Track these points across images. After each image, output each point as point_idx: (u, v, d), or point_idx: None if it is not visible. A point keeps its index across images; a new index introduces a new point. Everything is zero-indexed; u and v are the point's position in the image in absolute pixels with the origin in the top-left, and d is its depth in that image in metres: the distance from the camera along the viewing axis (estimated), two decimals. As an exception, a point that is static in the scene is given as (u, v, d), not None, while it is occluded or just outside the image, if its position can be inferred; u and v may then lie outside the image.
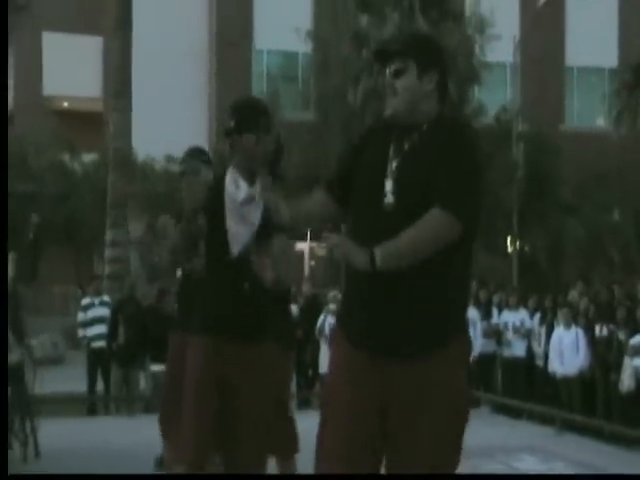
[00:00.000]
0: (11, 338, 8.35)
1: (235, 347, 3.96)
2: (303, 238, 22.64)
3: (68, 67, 28.37)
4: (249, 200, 3.95)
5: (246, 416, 3.97)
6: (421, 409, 2.92)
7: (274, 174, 4.07)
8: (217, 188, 4.07)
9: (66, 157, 25.06)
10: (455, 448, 2.98)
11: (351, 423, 2.94)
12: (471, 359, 10.57)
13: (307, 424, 3.19)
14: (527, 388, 12.63)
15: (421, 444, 2.91)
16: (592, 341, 11.74)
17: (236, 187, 4.02)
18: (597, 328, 11.77)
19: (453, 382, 2.96)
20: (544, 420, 10.77)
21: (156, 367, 11.45)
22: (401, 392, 2.93)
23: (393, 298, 2.92)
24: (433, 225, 2.86)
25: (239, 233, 3.99)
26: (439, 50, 3.18)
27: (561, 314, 12.03)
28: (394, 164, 2.98)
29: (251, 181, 4.00)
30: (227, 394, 3.97)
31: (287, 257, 4.09)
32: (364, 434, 2.93)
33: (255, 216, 3.99)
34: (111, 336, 11.91)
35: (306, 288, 14.42)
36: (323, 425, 3.02)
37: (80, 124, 27.47)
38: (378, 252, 2.86)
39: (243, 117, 4.03)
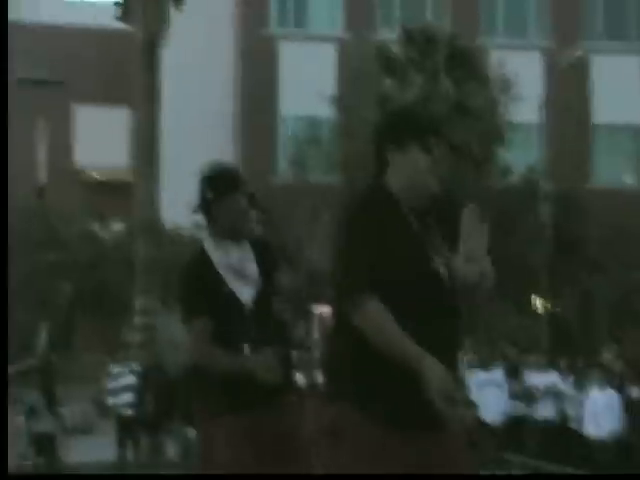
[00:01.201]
0: (44, 407, 8.41)
1: (256, 419, 3.91)
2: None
3: (98, 138, 28.91)
4: (243, 261, 4.00)
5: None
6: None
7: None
8: (203, 262, 4.02)
9: (96, 226, 25.40)
10: None
11: None
12: (499, 421, 10.38)
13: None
14: (560, 451, 12.40)
15: None
16: (627, 403, 11.56)
17: (225, 252, 4.01)
18: (632, 390, 11.61)
19: (464, 453, 2.97)
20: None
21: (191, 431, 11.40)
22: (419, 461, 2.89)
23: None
24: None
25: (244, 290, 3.99)
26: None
27: (594, 376, 11.87)
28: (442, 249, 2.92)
29: (237, 244, 4.04)
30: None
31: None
32: None
33: (252, 270, 4.02)
34: (139, 404, 11.90)
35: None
36: None
37: (109, 193, 27.89)
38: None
39: (222, 183, 4.06)
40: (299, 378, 6.33)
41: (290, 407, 4.01)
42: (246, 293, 3.99)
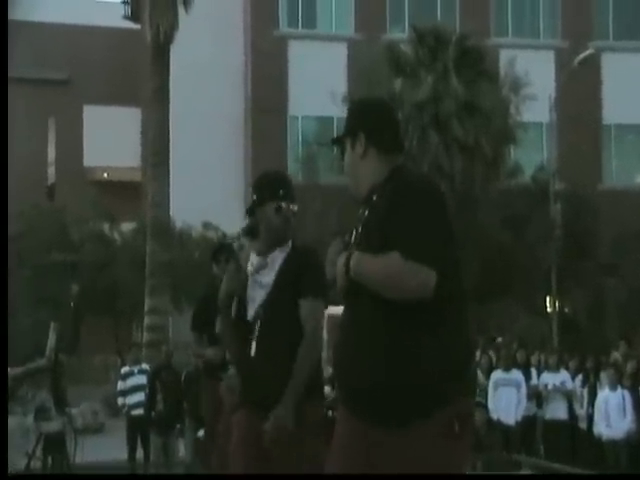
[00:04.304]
0: (53, 407, 8.42)
1: (259, 416, 3.94)
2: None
3: (107, 138, 29.00)
4: (262, 266, 4.11)
5: None
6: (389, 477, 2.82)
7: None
8: (241, 269, 4.25)
9: (106, 227, 25.46)
10: None
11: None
12: (515, 422, 10.26)
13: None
14: (570, 451, 12.37)
15: None
16: (638, 403, 11.51)
17: (250, 263, 4.18)
18: (644, 389, 11.56)
19: (430, 458, 2.81)
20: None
21: (201, 433, 11.42)
22: (382, 460, 2.85)
23: (371, 364, 2.85)
24: (404, 266, 2.78)
25: (254, 297, 4.11)
26: (361, 110, 3.15)
27: (606, 375, 11.83)
28: (353, 235, 3.03)
29: (269, 251, 4.14)
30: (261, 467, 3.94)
31: (317, 320, 4.07)
32: None
33: (268, 279, 4.09)
34: (149, 404, 11.91)
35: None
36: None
37: (119, 193, 27.98)
38: (353, 259, 2.90)
39: (263, 188, 4.18)
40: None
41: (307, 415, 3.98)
42: (255, 299, 4.08)
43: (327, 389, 7.96)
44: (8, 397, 7.95)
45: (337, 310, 3.23)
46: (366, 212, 2.99)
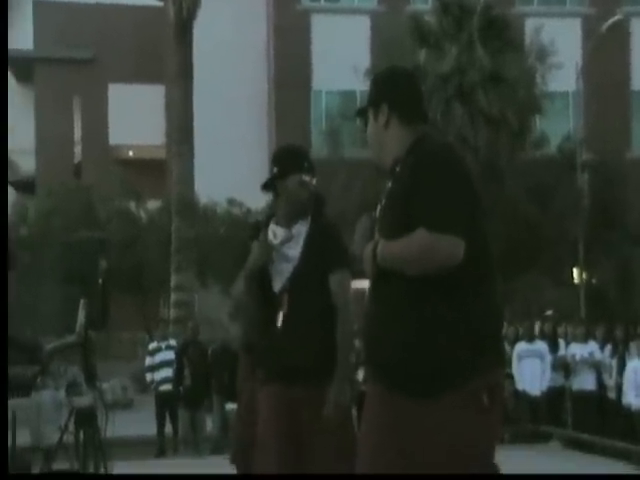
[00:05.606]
0: (84, 383, 8.53)
1: (292, 389, 3.97)
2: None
3: (132, 116, 29.10)
4: (287, 239, 4.08)
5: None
6: (419, 450, 2.81)
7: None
8: (265, 239, 4.20)
9: (131, 204, 25.62)
10: None
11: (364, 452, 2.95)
12: (540, 392, 10.26)
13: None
14: (599, 422, 12.33)
15: None
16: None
17: (274, 235, 4.14)
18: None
19: (459, 429, 2.78)
20: (618, 455, 10.47)
21: (230, 406, 11.52)
22: (411, 432, 2.84)
23: (401, 337, 2.85)
24: (421, 242, 2.79)
25: (280, 270, 4.08)
26: (384, 81, 3.13)
27: (636, 345, 11.77)
28: (379, 208, 3.03)
29: (292, 223, 4.12)
30: (292, 440, 3.95)
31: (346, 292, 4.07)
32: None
33: (294, 252, 4.07)
34: (177, 379, 12.03)
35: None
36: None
37: (144, 171, 28.10)
38: (379, 246, 2.91)
39: (286, 161, 4.15)
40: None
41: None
42: (282, 273, 4.07)
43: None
44: (42, 372, 8.05)
45: (360, 284, 3.22)
46: (390, 184, 2.98)
